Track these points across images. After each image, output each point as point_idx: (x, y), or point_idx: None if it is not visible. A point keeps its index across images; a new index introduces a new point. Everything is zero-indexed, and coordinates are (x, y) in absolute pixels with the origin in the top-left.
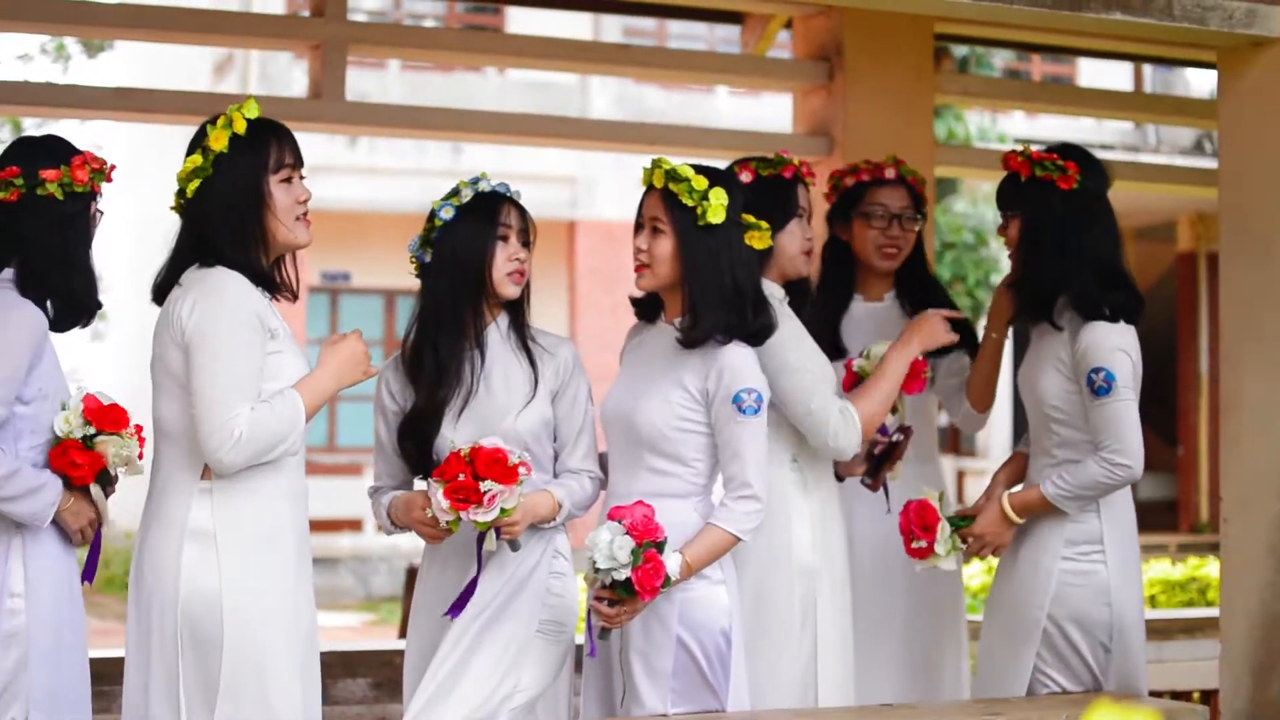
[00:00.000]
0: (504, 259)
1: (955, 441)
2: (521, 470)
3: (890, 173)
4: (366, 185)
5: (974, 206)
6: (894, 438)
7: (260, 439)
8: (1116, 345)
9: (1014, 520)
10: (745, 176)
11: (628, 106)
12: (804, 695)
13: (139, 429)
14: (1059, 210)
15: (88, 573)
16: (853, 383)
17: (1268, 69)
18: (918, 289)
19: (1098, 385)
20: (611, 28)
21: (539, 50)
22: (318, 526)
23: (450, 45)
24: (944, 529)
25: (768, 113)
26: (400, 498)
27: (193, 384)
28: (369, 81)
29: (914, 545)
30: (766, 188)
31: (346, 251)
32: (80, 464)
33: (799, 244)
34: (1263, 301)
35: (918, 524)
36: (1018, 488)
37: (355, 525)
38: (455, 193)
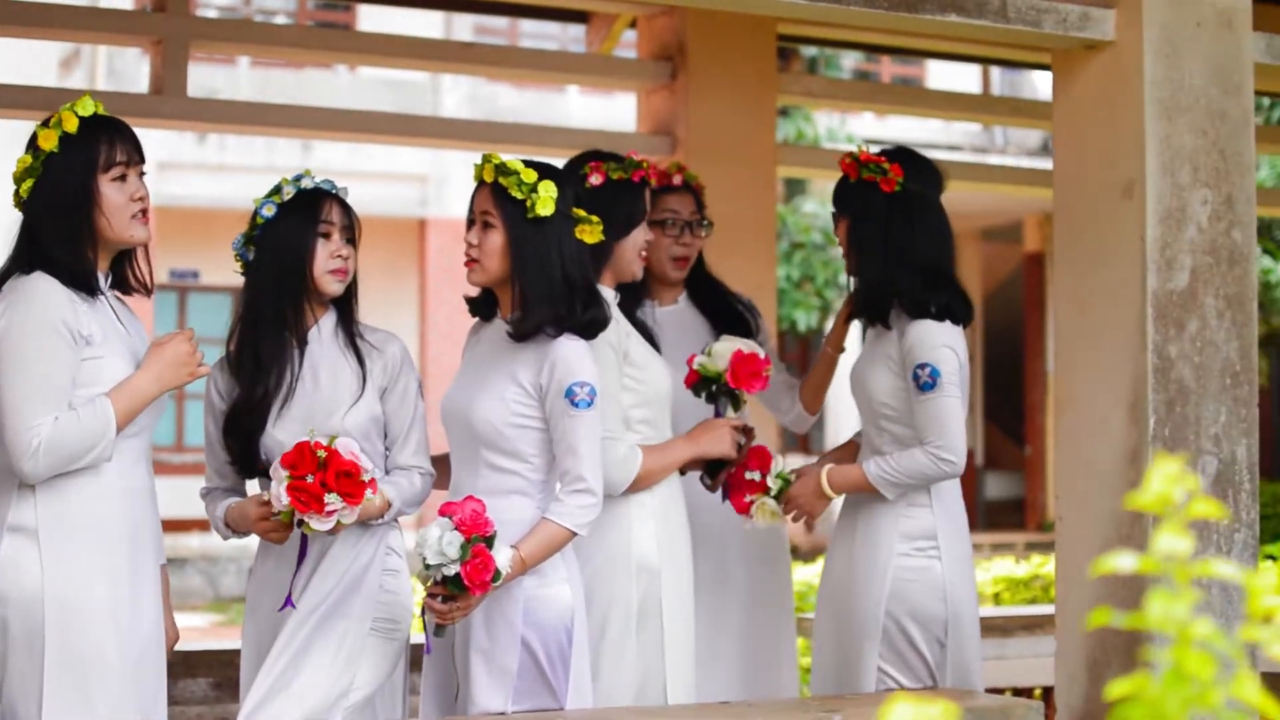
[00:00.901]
0: (326, 256)
1: (805, 441)
2: (369, 491)
3: (678, 179)
4: (216, 183)
5: (823, 206)
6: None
7: (63, 448)
8: (942, 342)
9: (827, 493)
10: (596, 179)
11: (480, 105)
12: (648, 694)
13: None
14: (881, 212)
15: None
16: (695, 380)
17: (1101, 72)
18: (705, 291)
19: (923, 381)
20: (463, 26)
21: (389, 48)
22: (166, 527)
23: (297, 42)
24: (775, 470)
25: (618, 112)
26: (236, 506)
27: (0, 394)
28: (219, 78)
29: (748, 486)
30: (616, 190)
31: (195, 249)
32: None
33: (640, 247)
34: (1095, 301)
35: (755, 463)
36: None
37: (204, 525)
38: (277, 190)
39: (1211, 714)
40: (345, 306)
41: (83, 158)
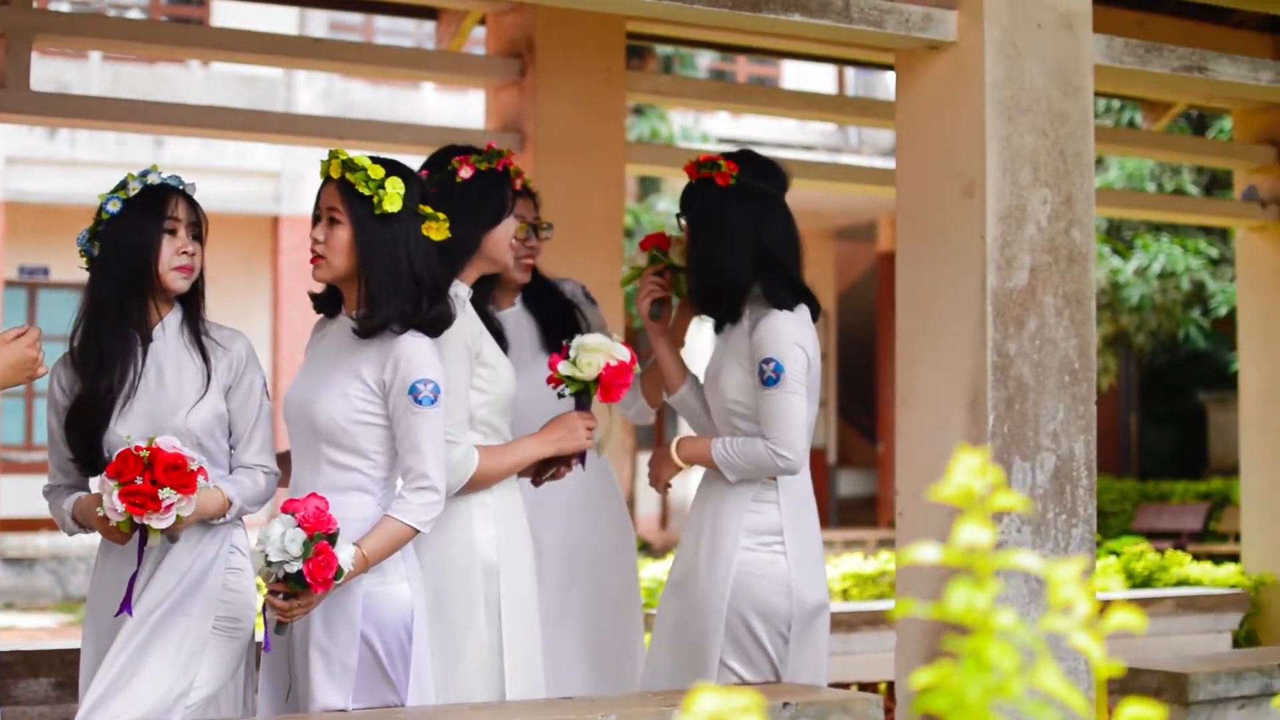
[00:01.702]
0: (171, 253)
1: (659, 437)
2: (200, 478)
3: (518, 184)
4: (66, 178)
5: (676, 204)
6: None
7: None
8: (792, 339)
9: (675, 460)
10: (466, 172)
11: (334, 101)
12: (487, 691)
13: None
14: (717, 206)
15: None
16: (556, 385)
17: (943, 73)
18: (541, 295)
19: (767, 375)
20: (318, 22)
21: (242, 43)
22: (14, 526)
23: (148, 37)
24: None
25: (473, 108)
26: (83, 500)
27: None
28: (70, 72)
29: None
30: (485, 182)
31: (45, 246)
32: None
33: (510, 236)
34: (936, 299)
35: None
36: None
37: (53, 525)
38: (123, 185)
39: (1012, 703)
40: (191, 303)
41: None
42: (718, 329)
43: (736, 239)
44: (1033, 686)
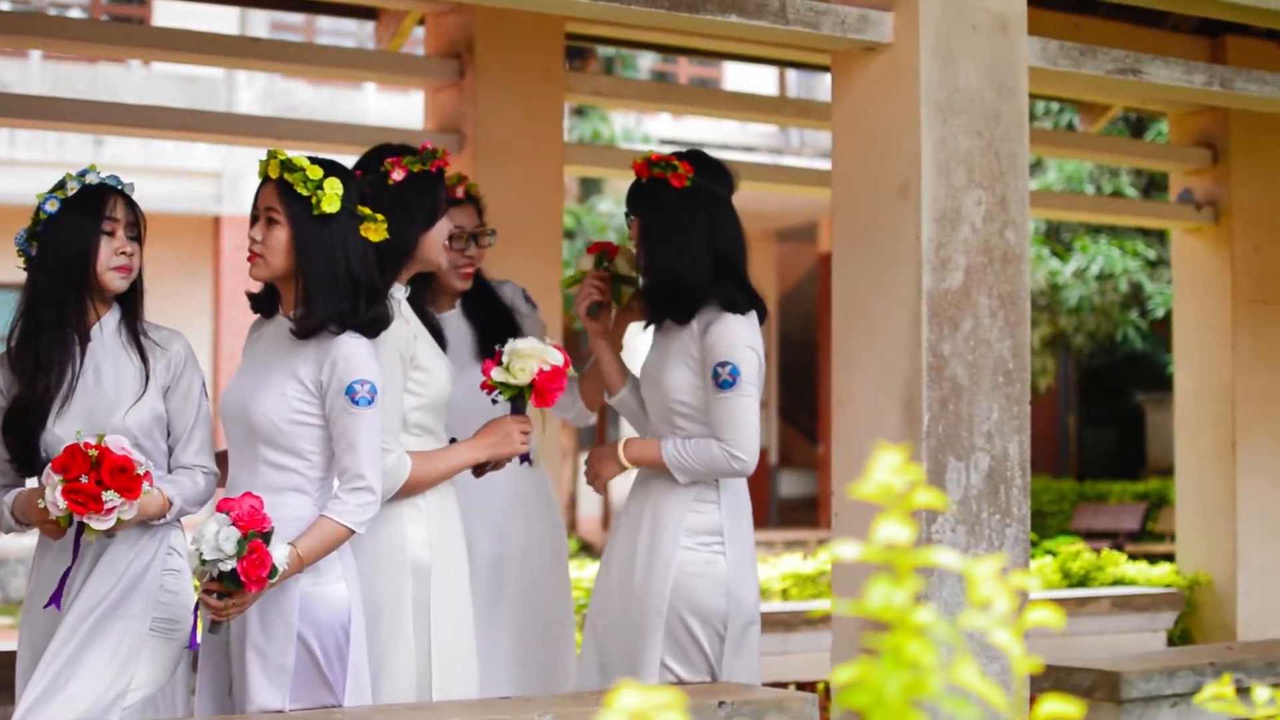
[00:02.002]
0: (110, 253)
1: (601, 438)
2: (145, 484)
3: (460, 192)
4: (5, 177)
5: (618, 206)
6: None
7: None
8: (745, 342)
9: (621, 461)
10: (398, 174)
11: (275, 101)
12: (417, 692)
13: None
14: (673, 208)
15: None
16: (491, 392)
17: (879, 74)
18: (480, 301)
19: (722, 379)
20: (259, 22)
21: (183, 43)
22: None
23: (87, 36)
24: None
25: (415, 109)
26: (22, 494)
27: None
28: (10, 71)
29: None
30: (418, 183)
31: None
32: None
33: (444, 237)
34: (871, 300)
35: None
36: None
37: None
38: (61, 185)
39: (931, 700)
40: (130, 303)
41: None
42: (656, 327)
43: (695, 241)
44: (952, 683)
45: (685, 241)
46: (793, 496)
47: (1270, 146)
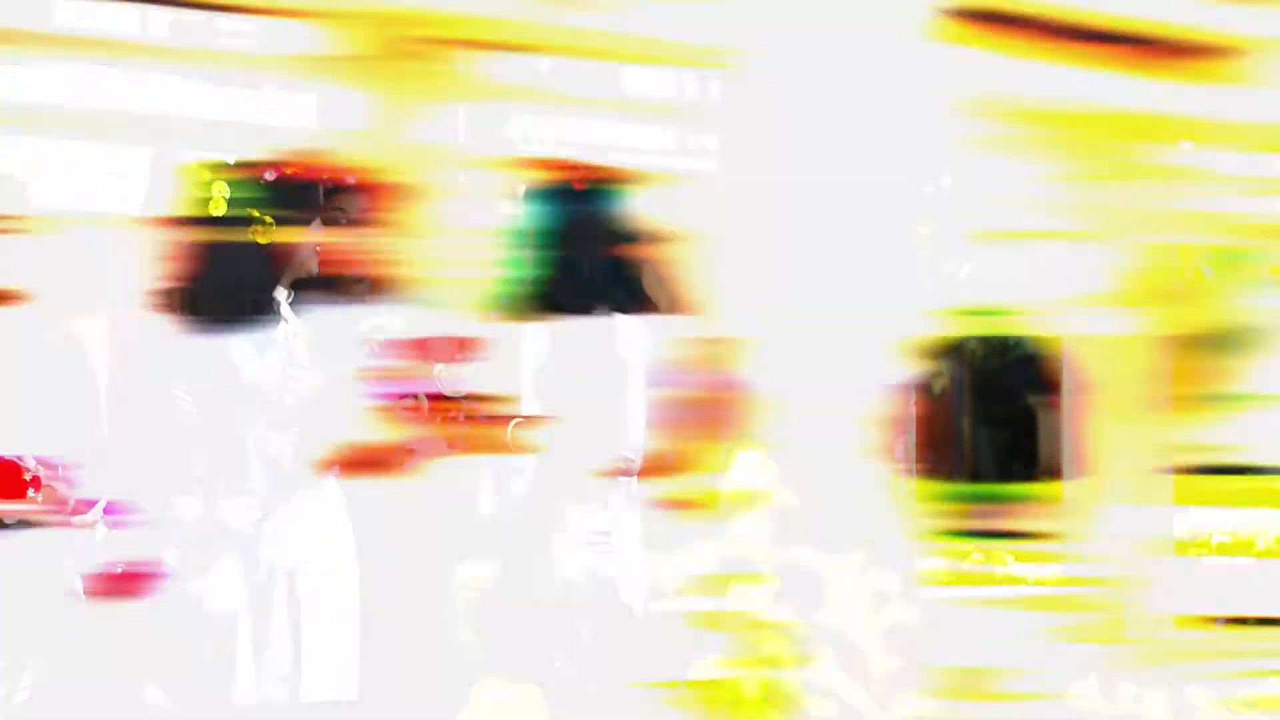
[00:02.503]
0: None
1: None
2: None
3: (351, 179)
4: None
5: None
6: None
7: None
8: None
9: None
10: (271, 176)
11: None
12: (290, 691)
13: None
14: (572, 213)
15: None
16: None
17: None
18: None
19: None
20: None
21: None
22: None
23: None
24: None
25: (304, 110)
26: None
27: None
28: None
29: None
30: (292, 187)
31: None
32: None
33: (316, 242)
34: None
35: None
36: None
37: None
38: None
39: (789, 696)
40: None
41: None
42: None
43: (593, 245)
44: (810, 679)
45: (585, 245)
46: None
47: None
